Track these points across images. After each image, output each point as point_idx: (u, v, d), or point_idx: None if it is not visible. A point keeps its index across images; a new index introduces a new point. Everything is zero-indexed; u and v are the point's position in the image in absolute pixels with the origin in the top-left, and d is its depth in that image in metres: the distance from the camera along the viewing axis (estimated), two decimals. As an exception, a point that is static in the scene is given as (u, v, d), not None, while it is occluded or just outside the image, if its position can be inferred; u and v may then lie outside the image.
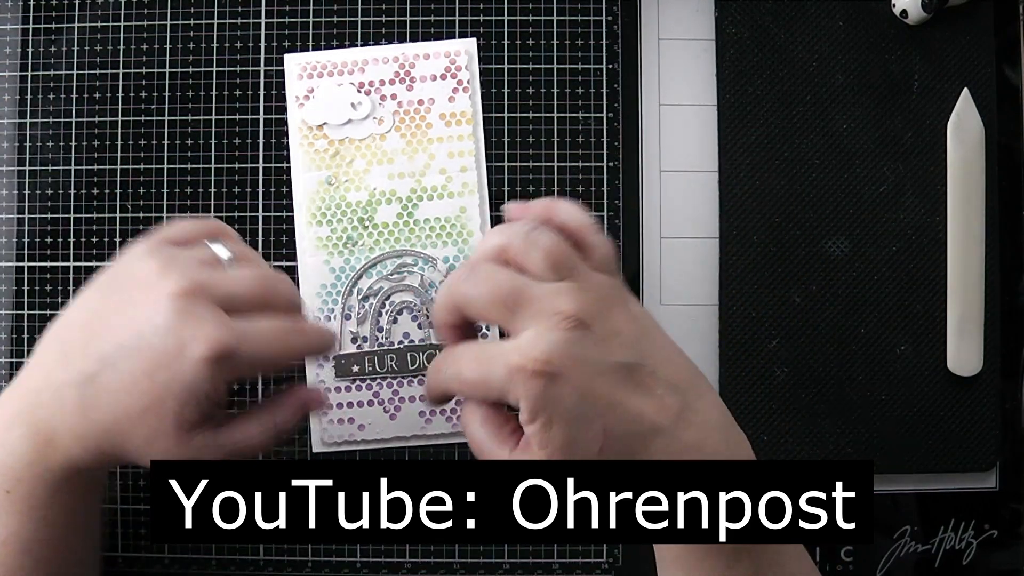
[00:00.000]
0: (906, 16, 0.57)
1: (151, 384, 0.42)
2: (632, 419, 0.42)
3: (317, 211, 0.58)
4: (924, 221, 0.58)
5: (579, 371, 0.41)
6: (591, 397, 0.41)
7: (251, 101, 0.58)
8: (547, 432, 0.41)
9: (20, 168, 0.59)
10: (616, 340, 0.43)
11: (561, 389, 0.41)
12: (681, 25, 0.60)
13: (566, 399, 0.41)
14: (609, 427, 0.42)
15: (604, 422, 0.42)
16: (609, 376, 0.42)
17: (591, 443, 0.42)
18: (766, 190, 0.58)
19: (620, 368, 0.42)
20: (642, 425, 0.42)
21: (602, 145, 0.59)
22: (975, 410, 0.58)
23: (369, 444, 0.58)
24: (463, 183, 0.58)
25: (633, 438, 0.42)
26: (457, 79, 0.58)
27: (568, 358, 0.41)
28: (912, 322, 0.58)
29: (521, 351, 0.41)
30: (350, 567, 0.58)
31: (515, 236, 0.44)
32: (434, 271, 0.57)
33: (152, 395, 0.42)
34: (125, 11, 0.59)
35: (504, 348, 0.42)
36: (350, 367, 0.57)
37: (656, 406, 0.43)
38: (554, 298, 0.42)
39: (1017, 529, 0.59)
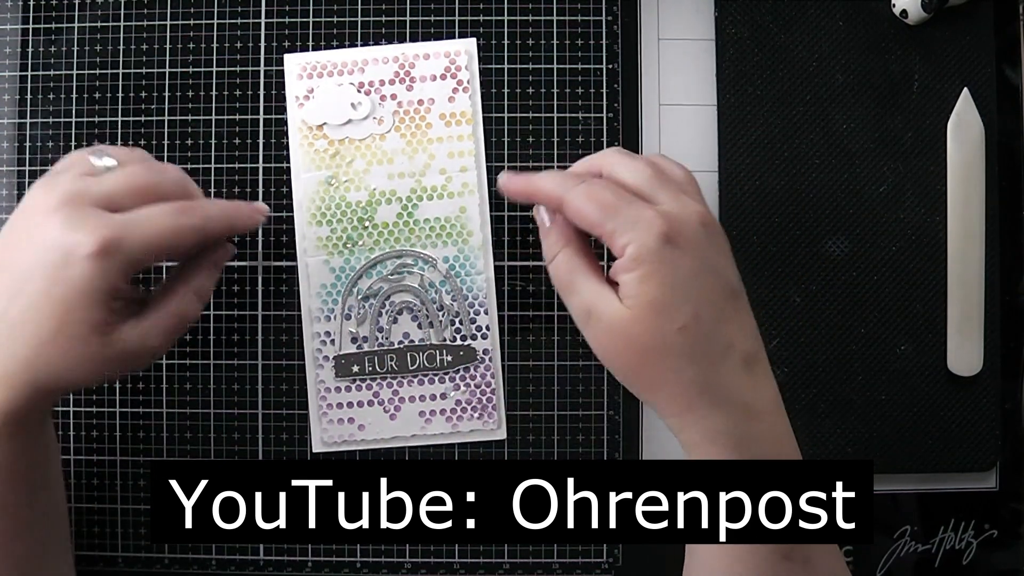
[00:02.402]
0: (906, 16, 0.57)
1: (51, 301, 0.43)
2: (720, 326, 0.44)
3: (317, 211, 0.58)
4: (924, 221, 0.58)
5: (697, 255, 0.44)
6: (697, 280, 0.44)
7: (251, 101, 0.58)
8: (643, 284, 0.43)
9: (20, 168, 0.59)
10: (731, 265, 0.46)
11: (675, 256, 0.43)
12: (681, 25, 0.60)
13: (675, 264, 0.43)
14: (700, 315, 0.44)
15: (698, 308, 0.44)
16: (719, 281, 0.45)
17: (678, 316, 0.44)
18: (766, 190, 0.58)
19: (729, 286, 0.45)
20: (724, 338, 0.44)
21: (602, 145, 0.59)
22: (975, 410, 0.58)
23: (369, 444, 0.58)
24: (463, 183, 0.58)
25: (712, 342, 0.44)
26: (457, 79, 0.58)
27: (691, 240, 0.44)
28: (912, 322, 0.58)
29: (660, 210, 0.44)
30: (350, 567, 0.58)
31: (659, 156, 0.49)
32: (434, 271, 0.57)
33: (57, 311, 0.43)
34: (125, 11, 0.59)
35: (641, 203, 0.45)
36: (350, 367, 0.57)
37: (741, 334, 0.45)
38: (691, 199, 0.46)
39: (1017, 529, 0.59)
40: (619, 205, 0.44)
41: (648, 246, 0.43)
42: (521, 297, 0.58)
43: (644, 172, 0.46)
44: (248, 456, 0.58)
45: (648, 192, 0.46)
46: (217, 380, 0.58)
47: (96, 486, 0.58)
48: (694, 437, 0.45)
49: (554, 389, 0.58)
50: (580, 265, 0.47)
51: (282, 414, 0.58)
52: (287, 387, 0.58)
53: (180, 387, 0.58)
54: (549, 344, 0.58)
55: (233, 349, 0.58)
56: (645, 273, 0.43)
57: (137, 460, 0.58)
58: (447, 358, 0.57)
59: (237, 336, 0.58)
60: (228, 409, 0.58)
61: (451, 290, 0.57)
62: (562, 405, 0.58)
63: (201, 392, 0.58)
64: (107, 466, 0.58)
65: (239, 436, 0.58)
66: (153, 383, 0.58)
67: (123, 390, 0.58)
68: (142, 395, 0.58)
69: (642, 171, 0.46)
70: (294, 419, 0.58)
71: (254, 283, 0.58)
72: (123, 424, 0.58)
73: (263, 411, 0.58)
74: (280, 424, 0.58)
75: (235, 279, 0.58)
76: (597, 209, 0.45)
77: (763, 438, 0.45)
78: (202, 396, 0.58)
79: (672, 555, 0.54)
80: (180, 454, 0.58)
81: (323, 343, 0.57)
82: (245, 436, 0.58)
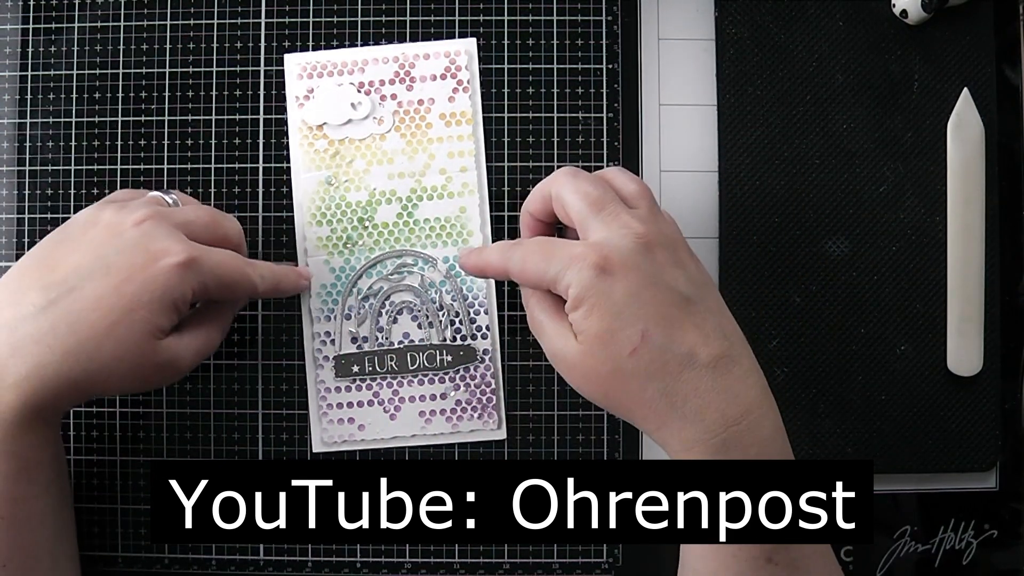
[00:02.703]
0: (906, 16, 0.57)
1: (119, 298, 0.46)
2: (674, 338, 0.45)
3: (317, 211, 0.58)
4: (924, 221, 0.58)
5: (633, 276, 0.45)
6: (638, 300, 0.45)
7: (251, 101, 0.58)
8: (587, 319, 0.45)
9: (20, 168, 0.59)
10: (680, 273, 0.46)
11: (611, 284, 0.45)
12: (681, 25, 0.60)
13: (613, 293, 0.44)
14: (649, 334, 0.44)
15: (645, 327, 0.44)
16: (663, 294, 0.45)
17: (626, 341, 0.44)
18: (766, 190, 0.58)
19: (677, 294, 0.46)
20: (681, 347, 0.45)
21: (602, 145, 0.58)
22: (975, 410, 0.58)
23: (369, 444, 0.58)
24: (463, 183, 0.58)
25: (668, 355, 0.44)
26: (457, 79, 0.58)
27: (626, 262, 0.45)
28: (912, 322, 0.58)
29: (586, 244, 0.46)
30: (350, 567, 0.58)
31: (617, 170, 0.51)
32: (434, 271, 0.57)
33: (120, 308, 0.46)
34: (125, 11, 0.59)
35: (571, 243, 0.46)
36: (350, 367, 0.57)
37: (701, 339, 0.45)
38: (632, 217, 0.47)
39: (1017, 529, 0.59)
40: (551, 255, 0.46)
41: (583, 283, 0.45)
42: (519, 297, 0.58)
43: (587, 196, 0.48)
44: (248, 456, 0.58)
45: (581, 222, 0.47)
46: (217, 380, 0.58)
47: (96, 486, 0.58)
48: (675, 448, 0.46)
49: (554, 389, 0.58)
50: (544, 307, 0.49)
51: (282, 414, 0.58)
52: (287, 387, 0.58)
53: (180, 387, 0.58)
54: (549, 344, 0.58)
55: (233, 349, 0.58)
56: (587, 309, 0.45)
57: (137, 460, 0.58)
58: (447, 358, 0.57)
59: (237, 336, 0.58)
60: (228, 409, 0.58)
61: (451, 290, 0.57)
62: (562, 405, 0.58)
63: (201, 392, 0.58)
64: (107, 466, 0.58)
65: (239, 436, 0.58)
66: (153, 383, 0.58)
67: (123, 390, 0.58)
68: (142, 395, 0.58)
69: (585, 195, 0.48)
70: (294, 419, 0.58)
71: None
72: (123, 424, 0.58)
73: (263, 411, 0.58)
74: (280, 424, 0.58)
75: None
76: (533, 268, 0.47)
77: (744, 441, 0.45)
78: (202, 396, 0.58)
79: (672, 555, 0.54)
80: (180, 454, 0.58)
81: (323, 343, 0.57)
82: (245, 436, 0.58)
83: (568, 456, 0.58)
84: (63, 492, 0.52)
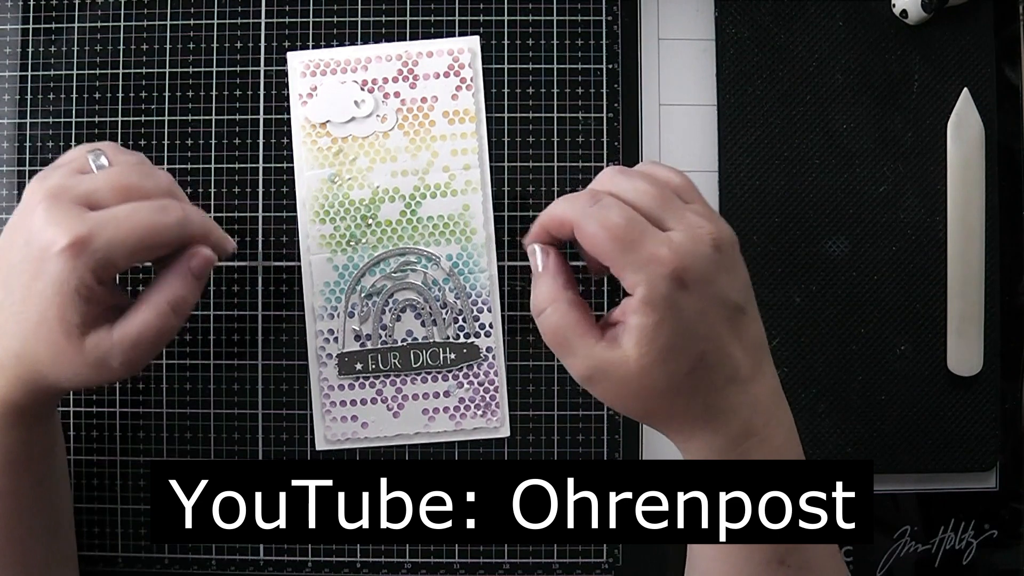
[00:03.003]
0: (906, 16, 0.57)
1: (32, 295, 0.43)
2: (726, 358, 0.44)
3: (320, 209, 0.58)
4: (924, 221, 0.58)
5: (705, 291, 0.43)
6: (704, 319, 0.43)
7: (251, 101, 0.58)
8: (657, 330, 0.42)
9: (20, 168, 0.58)
10: (735, 278, 0.45)
11: (684, 299, 0.42)
12: (681, 25, 0.60)
13: (684, 309, 0.42)
14: (706, 355, 0.43)
15: (704, 348, 0.43)
16: (722, 310, 0.44)
17: (685, 361, 0.43)
18: (766, 190, 0.58)
19: (732, 306, 0.44)
20: (729, 368, 0.44)
21: (602, 145, 0.59)
22: (975, 410, 0.58)
23: (372, 442, 0.58)
24: (466, 181, 0.58)
25: (718, 375, 0.44)
26: (460, 77, 0.58)
27: (702, 275, 0.43)
28: (912, 322, 0.58)
29: (672, 245, 0.42)
30: (350, 567, 0.58)
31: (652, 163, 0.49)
32: (437, 269, 0.57)
33: (38, 305, 0.43)
34: (125, 11, 0.59)
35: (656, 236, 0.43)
36: (353, 365, 0.57)
37: (744, 355, 0.44)
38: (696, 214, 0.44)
39: (1017, 529, 0.59)
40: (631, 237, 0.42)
41: (659, 291, 0.42)
42: (521, 297, 0.58)
43: (648, 192, 0.45)
44: (248, 456, 0.58)
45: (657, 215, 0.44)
46: (217, 380, 0.58)
47: (96, 486, 0.58)
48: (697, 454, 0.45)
49: (554, 389, 0.58)
50: (573, 322, 0.45)
51: (282, 414, 0.58)
52: (287, 387, 0.58)
53: (180, 387, 0.58)
54: (549, 344, 0.58)
55: (233, 349, 0.58)
56: (656, 321, 0.42)
57: (137, 460, 0.58)
58: (450, 356, 0.57)
59: (237, 336, 0.58)
60: (228, 409, 0.58)
61: (454, 288, 0.57)
62: (562, 405, 0.58)
63: (201, 392, 0.58)
64: (107, 466, 0.58)
65: (239, 436, 0.58)
66: (153, 383, 0.58)
67: (123, 390, 0.58)
68: (142, 395, 0.58)
69: (644, 191, 0.45)
70: (294, 419, 0.58)
71: (254, 283, 0.58)
72: (123, 424, 0.58)
73: (263, 411, 0.58)
74: (280, 424, 0.58)
75: (235, 279, 0.58)
76: (609, 240, 0.43)
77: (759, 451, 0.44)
78: (202, 396, 0.58)
79: (672, 555, 0.54)
80: (180, 454, 0.58)
81: (326, 341, 0.57)
82: (245, 436, 0.58)
83: (568, 456, 0.58)
84: (58, 488, 0.51)
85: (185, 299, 0.47)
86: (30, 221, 0.43)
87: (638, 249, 0.42)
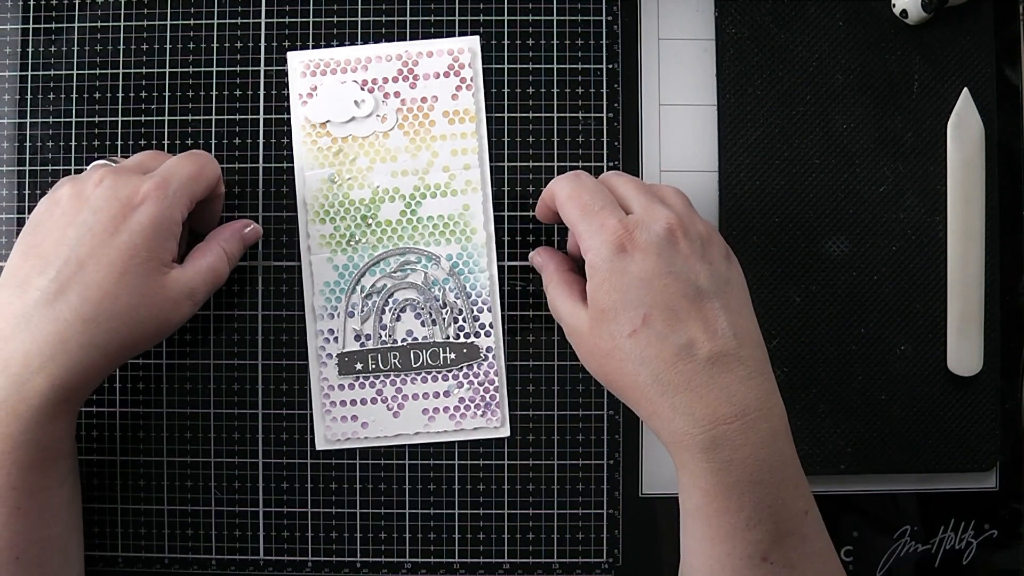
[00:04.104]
0: (906, 16, 0.57)
1: (113, 249, 0.47)
2: (675, 327, 0.45)
3: (320, 209, 0.58)
4: (924, 221, 0.58)
5: (650, 261, 0.46)
6: (648, 285, 0.46)
7: (251, 101, 0.58)
8: (598, 290, 0.47)
9: (20, 168, 0.58)
10: (704, 267, 0.47)
11: (626, 264, 0.46)
12: (681, 25, 0.60)
13: (626, 273, 0.46)
14: (650, 318, 0.45)
15: (648, 311, 0.45)
16: (677, 284, 0.46)
17: (626, 322, 0.46)
18: (766, 190, 0.58)
19: (692, 286, 0.46)
20: (680, 338, 0.45)
21: (602, 145, 0.59)
22: (975, 410, 0.58)
23: (372, 442, 0.58)
24: (466, 180, 0.58)
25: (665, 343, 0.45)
26: (460, 76, 0.58)
27: (648, 246, 0.46)
28: (912, 322, 0.58)
29: (623, 219, 0.47)
30: (350, 567, 0.58)
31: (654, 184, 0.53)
32: (437, 268, 0.57)
33: (120, 257, 0.47)
34: (125, 11, 0.59)
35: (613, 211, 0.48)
36: (353, 364, 0.57)
37: (705, 333, 0.46)
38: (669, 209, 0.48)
39: (1017, 529, 0.59)
40: (592, 209, 0.48)
41: (602, 255, 0.46)
42: (521, 297, 0.58)
43: (630, 185, 0.50)
44: (249, 455, 0.58)
45: (627, 203, 0.49)
46: (217, 380, 0.58)
47: (96, 486, 0.58)
48: (665, 438, 0.46)
49: (554, 389, 0.58)
50: (562, 292, 0.51)
51: (282, 414, 0.58)
52: (287, 387, 0.58)
53: (180, 387, 0.58)
54: (549, 344, 0.58)
55: (233, 349, 0.58)
56: (598, 282, 0.47)
57: (137, 460, 0.58)
58: (450, 356, 0.57)
59: (237, 336, 0.58)
60: (228, 409, 0.58)
61: (454, 287, 0.57)
62: (562, 405, 0.58)
63: (201, 392, 0.58)
64: (107, 466, 0.58)
65: (239, 436, 0.58)
66: (153, 383, 0.58)
67: (123, 390, 0.58)
68: (142, 395, 0.58)
69: (628, 183, 0.50)
70: (294, 419, 0.58)
71: (254, 283, 0.58)
72: (123, 424, 0.58)
73: (263, 411, 0.58)
74: (280, 424, 0.58)
75: (235, 279, 0.58)
76: (572, 207, 0.48)
77: (735, 441, 0.45)
78: (202, 396, 0.58)
79: (672, 555, 0.54)
80: (180, 454, 0.58)
81: (326, 341, 0.57)
82: (245, 436, 0.58)
83: (568, 455, 0.58)
84: (76, 487, 0.52)
85: (235, 253, 0.55)
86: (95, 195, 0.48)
87: (593, 218, 0.47)
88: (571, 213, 0.48)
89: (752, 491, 0.45)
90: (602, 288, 0.46)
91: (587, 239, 0.47)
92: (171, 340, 0.58)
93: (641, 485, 0.58)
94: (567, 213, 0.49)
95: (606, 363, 0.47)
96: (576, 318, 0.49)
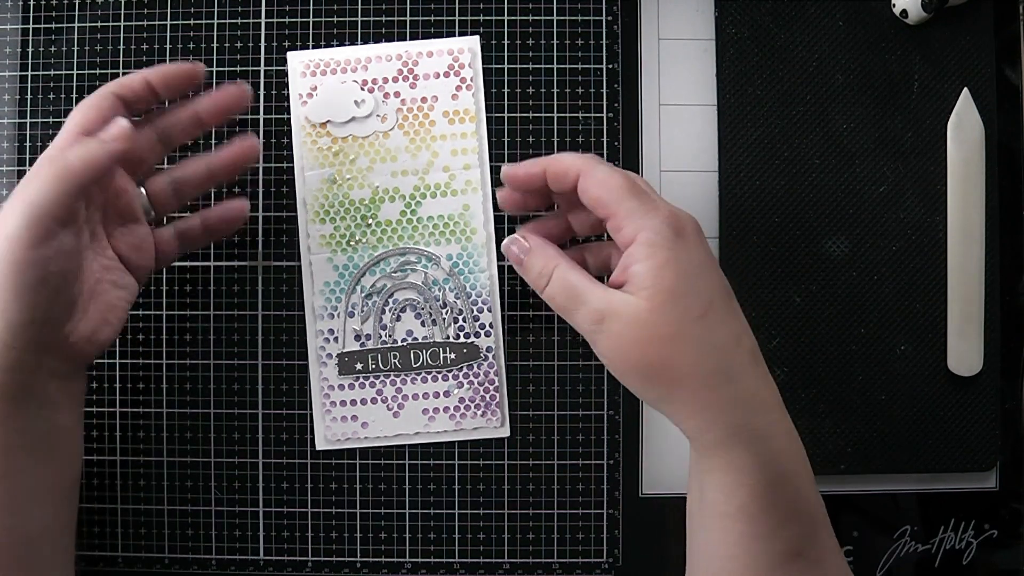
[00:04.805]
0: (906, 16, 0.57)
1: None
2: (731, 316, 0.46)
3: (320, 209, 0.58)
4: (924, 221, 0.58)
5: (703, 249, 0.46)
6: (707, 272, 0.45)
7: (251, 101, 0.58)
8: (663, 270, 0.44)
9: (20, 168, 0.58)
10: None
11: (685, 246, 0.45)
12: (681, 25, 0.60)
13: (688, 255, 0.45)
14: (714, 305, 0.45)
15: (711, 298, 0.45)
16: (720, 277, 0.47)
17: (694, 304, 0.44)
18: (766, 190, 0.58)
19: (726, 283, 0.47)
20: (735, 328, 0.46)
21: (602, 145, 0.59)
22: (975, 410, 0.58)
23: (372, 442, 0.58)
24: (466, 180, 0.58)
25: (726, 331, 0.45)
26: (460, 76, 0.58)
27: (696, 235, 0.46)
28: (912, 322, 0.58)
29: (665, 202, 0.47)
30: (350, 567, 0.58)
31: None
32: (437, 269, 0.57)
33: None
34: (125, 11, 0.59)
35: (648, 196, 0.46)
36: (353, 365, 0.57)
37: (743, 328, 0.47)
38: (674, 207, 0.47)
39: (1017, 529, 0.59)
40: (640, 189, 0.46)
41: (663, 233, 0.44)
42: (521, 297, 0.58)
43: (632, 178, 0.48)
44: (249, 455, 0.58)
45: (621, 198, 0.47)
46: (217, 380, 0.58)
47: (96, 486, 0.58)
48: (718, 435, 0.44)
49: (554, 389, 0.58)
50: (578, 279, 0.47)
51: (282, 414, 0.58)
52: (287, 387, 0.58)
53: (180, 387, 0.58)
54: (549, 344, 0.58)
55: (233, 349, 0.58)
56: (662, 261, 0.44)
57: (137, 460, 0.58)
58: (450, 356, 0.57)
59: (237, 336, 0.58)
60: (228, 409, 0.58)
61: (454, 287, 0.57)
62: (562, 405, 0.58)
63: (201, 392, 0.58)
64: (107, 466, 0.58)
65: (239, 436, 0.58)
66: (153, 383, 0.58)
67: (123, 390, 0.58)
68: (142, 395, 0.58)
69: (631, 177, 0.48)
70: (294, 419, 0.58)
71: (254, 283, 0.58)
72: (123, 424, 0.58)
73: (263, 411, 0.58)
74: (280, 424, 0.58)
75: (235, 279, 0.58)
76: (619, 183, 0.46)
77: (776, 432, 0.45)
78: (202, 396, 0.58)
79: (672, 555, 0.54)
80: (180, 454, 0.58)
81: (326, 341, 0.57)
82: (245, 436, 0.58)
83: (568, 455, 0.58)
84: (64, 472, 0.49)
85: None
86: None
87: (644, 197, 0.45)
88: (615, 190, 0.46)
89: (790, 483, 0.44)
90: (667, 268, 0.44)
91: (640, 217, 0.45)
92: (171, 340, 0.58)
93: (641, 485, 0.58)
94: (610, 187, 0.46)
95: (665, 348, 0.44)
96: (622, 301, 0.45)
